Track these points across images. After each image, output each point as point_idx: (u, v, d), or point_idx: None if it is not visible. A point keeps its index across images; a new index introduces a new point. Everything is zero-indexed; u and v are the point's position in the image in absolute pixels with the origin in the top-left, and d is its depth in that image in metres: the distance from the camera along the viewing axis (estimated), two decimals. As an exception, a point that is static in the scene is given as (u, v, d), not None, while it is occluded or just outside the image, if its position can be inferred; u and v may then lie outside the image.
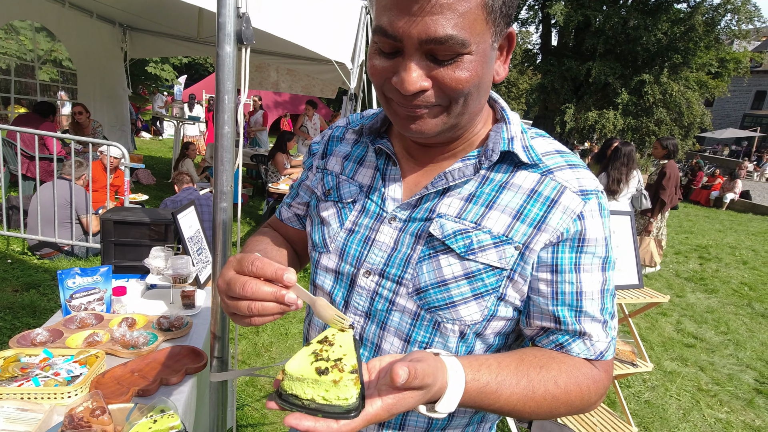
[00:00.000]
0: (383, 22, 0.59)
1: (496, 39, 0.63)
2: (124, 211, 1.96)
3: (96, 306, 1.59)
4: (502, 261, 0.67)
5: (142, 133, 13.56)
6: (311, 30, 3.70)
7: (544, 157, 0.70)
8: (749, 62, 17.08)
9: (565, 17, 13.67)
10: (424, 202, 0.72)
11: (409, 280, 0.71)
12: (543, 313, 0.70)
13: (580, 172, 0.69)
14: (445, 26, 0.56)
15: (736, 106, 31.99)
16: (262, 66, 7.11)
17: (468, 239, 0.68)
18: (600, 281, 0.69)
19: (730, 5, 13.32)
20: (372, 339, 0.75)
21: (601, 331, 0.70)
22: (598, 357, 0.70)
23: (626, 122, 14.39)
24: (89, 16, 5.66)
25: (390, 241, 0.73)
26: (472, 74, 0.60)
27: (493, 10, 0.58)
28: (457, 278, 0.68)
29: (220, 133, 1.21)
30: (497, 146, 0.69)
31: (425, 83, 0.60)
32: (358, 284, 0.75)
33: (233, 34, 1.13)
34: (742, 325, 4.57)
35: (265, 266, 0.58)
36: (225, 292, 0.61)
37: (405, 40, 0.58)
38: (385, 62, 0.62)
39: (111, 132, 6.76)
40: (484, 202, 0.69)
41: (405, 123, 0.65)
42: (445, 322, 0.70)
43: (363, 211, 0.77)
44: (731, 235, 9.18)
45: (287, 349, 3.24)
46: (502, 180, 0.70)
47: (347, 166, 0.83)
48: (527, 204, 0.68)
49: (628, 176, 4.54)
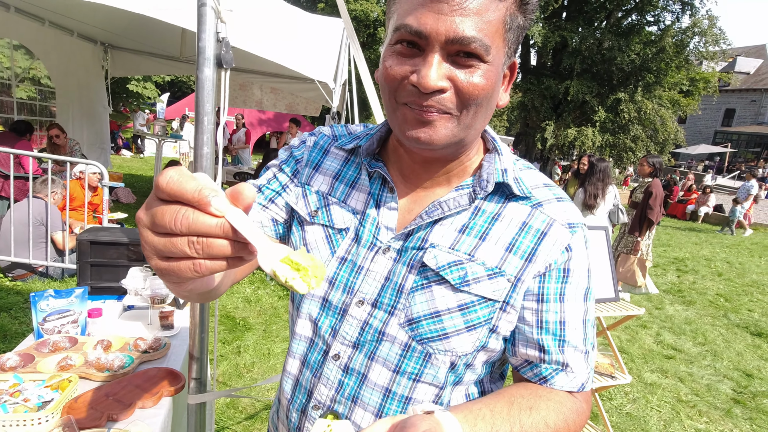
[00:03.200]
0: (409, 19, 0.59)
1: (506, 61, 0.64)
2: (102, 230, 1.94)
3: (70, 329, 1.56)
4: (495, 293, 0.68)
5: (123, 151, 13.39)
6: (294, 50, 3.75)
7: (533, 189, 0.72)
8: (717, 82, 17.90)
9: (543, 38, 14.17)
10: (416, 231, 0.71)
11: (401, 310, 0.70)
12: (528, 342, 0.71)
13: (566, 205, 0.72)
14: (472, 28, 0.57)
15: (707, 123, 33.29)
16: (246, 84, 7.14)
17: (462, 270, 0.68)
18: (583, 311, 0.71)
19: (697, 28, 14.01)
20: (359, 369, 0.73)
21: (583, 362, 0.72)
22: (579, 389, 0.72)
23: (604, 139, 14.84)
24: (70, 34, 5.63)
25: (384, 271, 0.72)
26: (488, 83, 0.61)
27: (510, 30, 0.61)
28: (450, 310, 0.68)
29: (199, 154, 1.22)
30: (492, 177, 0.70)
31: (444, 83, 0.59)
32: (350, 314, 0.73)
33: (213, 58, 1.16)
34: (719, 336, 4.68)
35: (188, 181, 0.38)
36: (148, 226, 0.40)
37: (432, 36, 0.58)
38: (403, 64, 0.61)
39: (90, 150, 6.67)
40: (477, 234, 0.69)
41: (414, 129, 0.63)
42: (437, 353, 0.70)
43: (356, 239, 0.74)
44: (707, 247, 9.44)
45: (270, 370, 3.19)
46: (494, 211, 0.70)
47: (338, 187, 0.78)
48: (519, 236, 0.68)
49: (605, 191, 4.66)
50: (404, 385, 0.71)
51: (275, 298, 4.39)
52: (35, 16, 4.84)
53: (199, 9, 1.15)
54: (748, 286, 6.68)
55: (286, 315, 4.05)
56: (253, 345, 3.46)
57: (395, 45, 0.62)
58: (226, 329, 3.66)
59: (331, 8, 20.93)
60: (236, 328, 3.71)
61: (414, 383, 0.71)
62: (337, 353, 0.74)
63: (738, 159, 29.68)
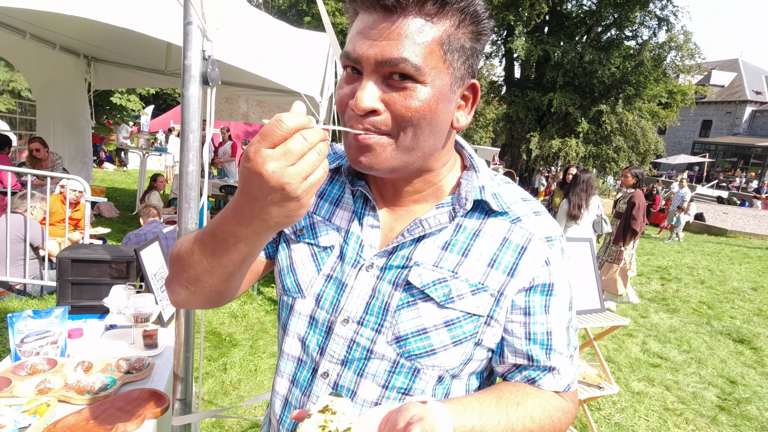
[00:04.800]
0: (348, 47, 0.63)
1: (456, 83, 0.65)
2: (83, 248, 1.89)
3: (50, 350, 1.51)
4: (479, 308, 0.70)
5: (106, 164, 13.19)
6: (280, 64, 3.77)
7: (511, 205, 0.74)
8: (694, 94, 18.48)
9: (526, 52, 14.50)
10: (399, 249, 0.73)
11: (388, 328, 0.71)
12: (516, 352, 0.74)
13: (543, 218, 0.74)
14: (400, 50, 0.59)
15: (685, 134, 34.24)
16: (232, 97, 7.13)
17: (447, 288, 0.69)
18: (567, 319, 0.75)
19: (673, 43, 14.50)
20: (348, 386, 0.74)
21: (568, 365, 0.76)
22: (565, 389, 0.77)
23: (587, 149, 15.16)
24: (52, 47, 5.55)
25: (368, 289, 0.73)
26: (424, 106, 0.62)
27: (449, 51, 0.62)
28: (437, 326, 0.69)
29: (184, 171, 1.21)
30: (470, 195, 0.72)
31: (378, 105, 0.61)
32: (336, 332, 0.74)
33: (199, 75, 1.15)
34: (703, 343, 4.75)
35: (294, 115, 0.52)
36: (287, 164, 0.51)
37: (363, 60, 0.61)
38: (348, 88, 0.65)
39: (71, 164, 6.54)
40: (460, 250, 0.71)
41: (356, 154, 0.65)
42: (425, 368, 0.71)
43: (341, 257, 0.76)
44: (689, 255, 9.63)
45: (257, 386, 3.13)
46: (475, 228, 0.72)
47: (323, 206, 0.80)
48: (500, 252, 0.71)
49: (588, 201, 4.74)
50: (393, 398, 0.73)
51: (262, 312, 4.33)
52: (16, 28, 4.76)
53: (185, 27, 1.15)
54: (730, 293, 6.82)
55: (274, 330, 3.99)
56: (240, 361, 3.40)
57: (344, 72, 0.66)
58: (211, 346, 3.59)
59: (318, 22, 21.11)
60: (222, 344, 3.65)
61: (403, 396, 0.73)
62: (325, 371, 0.75)
63: (716, 168, 30.53)
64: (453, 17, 0.62)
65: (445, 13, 0.61)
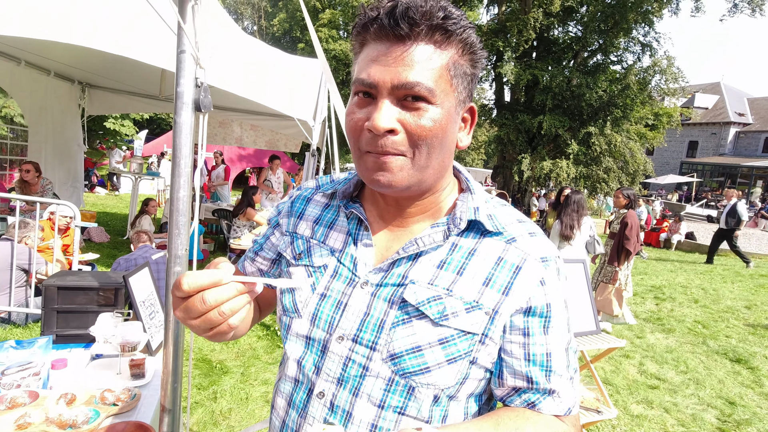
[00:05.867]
0: (362, 74, 0.66)
1: (459, 105, 0.70)
2: (70, 275, 1.86)
3: (31, 382, 1.46)
4: (474, 326, 0.70)
5: (98, 188, 13.12)
6: (274, 89, 3.82)
7: (506, 226, 0.75)
8: (680, 116, 18.93)
9: (515, 76, 14.84)
10: (395, 267, 0.74)
11: (383, 345, 0.72)
12: (516, 374, 0.74)
13: (538, 239, 0.75)
14: (415, 75, 0.64)
15: (673, 154, 34.92)
16: (226, 122, 7.18)
17: (441, 305, 0.70)
18: (566, 341, 0.75)
19: (657, 67, 14.93)
20: (343, 406, 0.74)
21: (569, 388, 0.76)
22: (566, 413, 0.76)
23: (578, 170, 15.37)
24: (46, 74, 5.59)
25: (363, 306, 0.74)
26: (437, 126, 0.66)
27: (455, 76, 0.67)
28: (431, 344, 0.70)
29: (175, 197, 1.20)
30: (465, 215, 0.74)
31: (395, 125, 0.65)
32: (331, 350, 0.75)
33: (191, 102, 1.16)
34: (700, 364, 4.71)
35: (199, 276, 0.60)
36: (188, 318, 0.61)
37: (380, 84, 0.65)
38: (361, 113, 0.68)
39: (62, 189, 6.50)
40: (455, 269, 0.72)
41: (374, 174, 0.68)
42: (420, 387, 0.71)
43: (335, 275, 0.78)
44: (681, 274, 9.66)
45: (248, 416, 3.04)
46: (470, 247, 0.74)
47: (318, 230, 0.83)
48: (495, 271, 0.72)
49: (580, 222, 4.77)
50: (390, 419, 0.72)
51: (254, 338, 4.24)
52: (10, 56, 4.80)
53: (178, 56, 1.16)
54: (724, 312, 6.82)
55: (266, 356, 3.90)
56: (231, 390, 3.31)
57: (354, 97, 0.69)
58: (201, 374, 3.50)
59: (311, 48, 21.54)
60: (212, 372, 3.55)
61: (399, 416, 0.72)
62: (321, 391, 0.75)
63: (704, 188, 31.01)
64: (456, 46, 0.67)
65: (450, 42, 0.66)
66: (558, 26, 16.23)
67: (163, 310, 2.01)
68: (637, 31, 15.18)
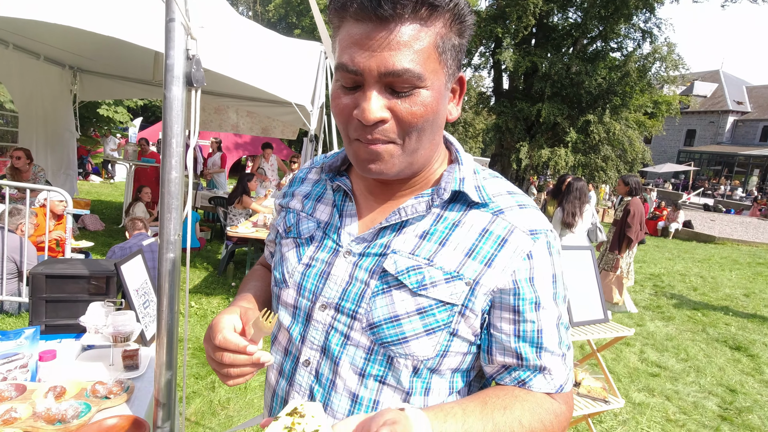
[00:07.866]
0: (345, 59, 0.63)
1: (448, 80, 0.68)
2: (60, 263, 1.78)
3: (18, 374, 1.39)
4: (453, 296, 0.69)
5: (92, 176, 12.95)
6: (271, 74, 3.70)
7: (494, 197, 0.73)
8: (679, 104, 18.83)
9: (514, 63, 14.64)
10: (379, 237, 0.74)
11: (363, 314, 0.71)
12: (505, 350, 0.72)
13: (528, 211, 0.72)
14: (402, 60, 0.60)
15: (671, 143, 34.85)
16: (221, 108, 7.05)
17: (420, 275, 0.69)
18: (556, 316, 0.73)
19: (657, 54, 14.75)
20: (327, 374, 0.75)
21: (560, 365, 0.74)
22: (558, 390, 0.74)
23: (576, 159, 15.27)
24: (36, 58, 5.43)
25: (345, 275, 0.74)
26: (428, 109, 0.64)
27: (443, 52, 0.64)
28: (409, 314, 0.69)
29: (167, 179, 1.12)
30: (449, 185, 0.72)
31: (385, 114, 0.63)
32: (314, 318, 0.76)
33: (182, 76, 1.07)
34: (700, 351, 4.71)
35: (231, 339, 0.69)
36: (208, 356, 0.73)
37: (365, 73, 0.61)
38: (348, 99, 0.65)
39: (55, 176, 6.37)
40: (438, 240, 0.71)
41: (365, 164, 0.67)
42: (398, 357, 0.71)
43: (320, 246, 0.78)
44: (680, 262, 9.67)
45: (246, 405, 3.00)
46: (455, 218, 0.72)
47: (307, 203, 0.85)
48: (479, 242, 0.70)
49: (582, 209, 4.72)
50: (371, 388, 0.73)
51: (252, 327, 4.19)
52: (-2, 38, 4.65)
53: (167, 24, 1.07)
54: (723, 300, 6.83)
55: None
56: (229, 379, 3.26)
57: (338, 81, 0.67)
58: (199, 363, 3.45)
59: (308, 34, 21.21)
60: (210, 361, 3.51)
61: (380, 386, 0.73)
62: (307, 359, 0.77)
63: (701, 177, 31.03)
64: (443, 18, 0.63)
65: (437, 16, 0.62)
66: (558, 12, 15.97)
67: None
68: (637, 17, 14.96)
